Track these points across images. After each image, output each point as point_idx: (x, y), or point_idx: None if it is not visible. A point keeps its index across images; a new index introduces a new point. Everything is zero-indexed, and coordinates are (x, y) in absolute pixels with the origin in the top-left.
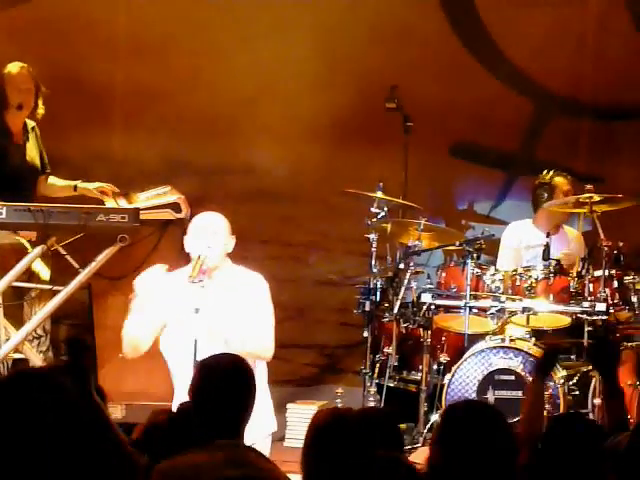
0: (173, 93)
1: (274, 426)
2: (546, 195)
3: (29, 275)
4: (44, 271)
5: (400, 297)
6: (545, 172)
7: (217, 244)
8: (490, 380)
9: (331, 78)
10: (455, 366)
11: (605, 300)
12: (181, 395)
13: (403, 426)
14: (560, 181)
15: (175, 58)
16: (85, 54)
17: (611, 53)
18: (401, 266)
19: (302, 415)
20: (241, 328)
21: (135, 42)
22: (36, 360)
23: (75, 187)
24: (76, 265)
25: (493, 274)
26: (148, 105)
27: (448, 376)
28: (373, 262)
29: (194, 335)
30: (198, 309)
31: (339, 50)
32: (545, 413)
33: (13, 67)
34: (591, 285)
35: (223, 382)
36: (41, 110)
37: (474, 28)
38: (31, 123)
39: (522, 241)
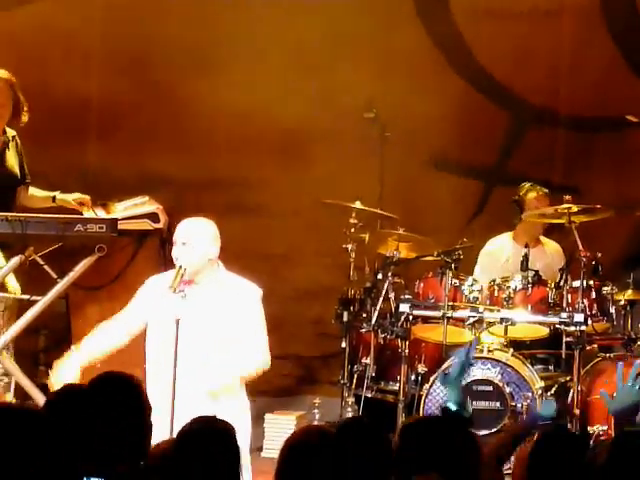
0: (148, 106)
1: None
2: (518, 210)
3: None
4: (13, 282)
5: (378, 308)
6: (521, 186)
7: (192, 250)
8: (468, 391)
9: (307, 88)
10: (433, 377)
11: (583, 311)
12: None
13: None
14: (530, 197)
15: (150, 71)
16: (60, 67)
17: (587, 66)
18: (379, 277)
19: (280, 426)
20: (230, 339)
21: (109, 56)
22: (14, 370)
23: (54, 198)
24: (54, 275)
25: (471, 284)
26: (123, 118)
27: (426, 386)
28: (351, 272)
29: (173, 344)
30: (179, 320)
31: (315, 61)
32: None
33: None
34: (569, 296)
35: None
36: (24, 118)
37: (451, 40)
38: (12, 132)
39: (500, 256)
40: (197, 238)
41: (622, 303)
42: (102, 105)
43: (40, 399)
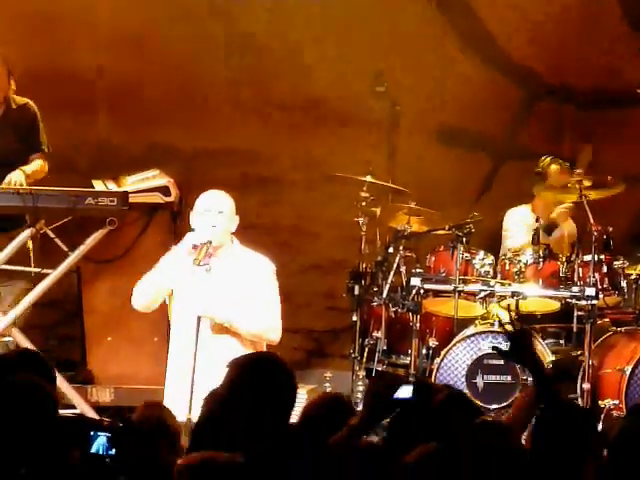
0: (156, 79)
1: None
2: (542, 183)
3: None
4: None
5: (389, 281)
6: (542, 159)
7: (221, 223)
8: (479, 364)
9: (318, 61)
10: (444, 350)
11: (594, 285)
12: (173, 373)
13: None
14: (553, 169)
15: (157, 45)
16: (68, 42)
17: (596, 37)
18: (390, 250)
19: None
20: (247, 310)
21: (118, 30)
22: (24, 343)
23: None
24: (65, 248)
25: (482, 258)
26: (131, 92)
27: (437, 360)
28: (362, 246)
29: (197, 313)
30: (200, 317)
31: (324, 34)
32: None
33: None
34: (580, 270)
35: (266, 384)
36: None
37: (461, 14)
38: (22, 100)
39: (525, 222)
40: (228, 210)
41: (633, 277)
42: (110, 79)
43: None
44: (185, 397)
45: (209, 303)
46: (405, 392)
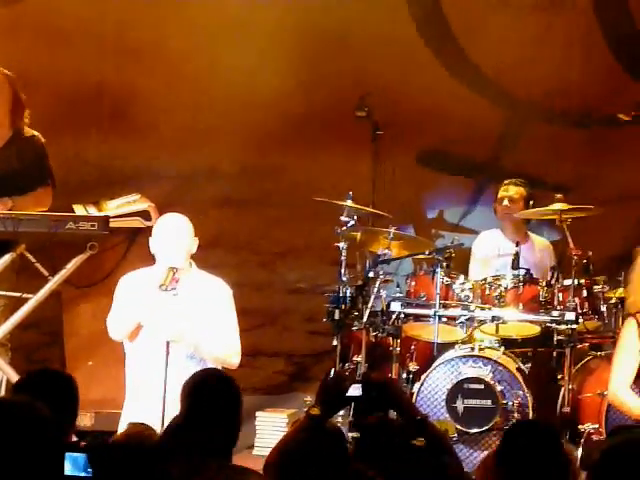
0: (144, 99)
1: None
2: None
3: None
4: None
5: (369, 306)
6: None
7: (183, 247)
8: (459, 389)
9: (300, 85)
10: (424, 375)
11: (574, 309)
12: (139, 396)
13: None
14: (500, 188)
15: (150, 63)
16: (63, 57)
17: (579, 62)
18: (371, 275)
19: (271, 423)
20: (208, 334)
21: (122, 46)
22: (6, 369)
23: None
24: (46, 273)
25: (462, 283)
26: (119, 111)
27: (417, 385)
28: (343, 270)
29: (165, 338)
30: (169, 342)
31: (308, 58)
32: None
33: None
34: (560, 294)
35: (216, 400)
36: (26, 120)
37: (444, 36)
38: (30, 132)
39: (492, 250)
40: (188, 233)
41: (613, 301)
42: (97, 98)
43: None
44: (153, 420)
45: (177, 327)
46: (356, 390)
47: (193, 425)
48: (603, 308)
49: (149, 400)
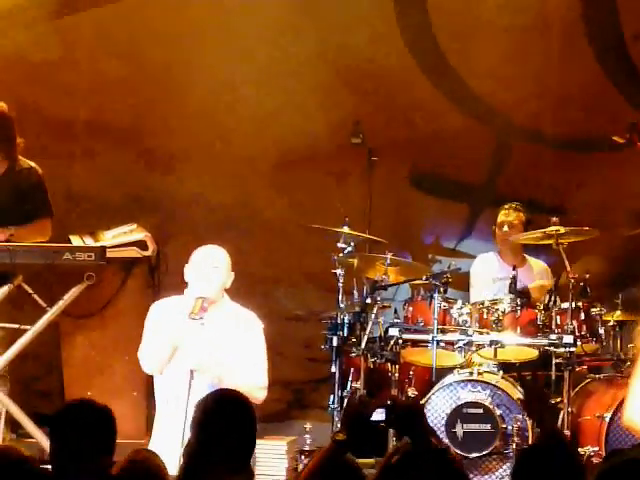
0: (131, 128)
1: None
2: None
3: None
4: None
5: (367, 332)
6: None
7: (217, 278)
8: (458, 413)
9: (295, 111)
10: (423, 400)
11: (572, 332)
12: (163, 425)
13: (371, 461)
14: (499, 213)
15: (133, 93)
16: (48, 89)
17: (572, 83)
18: (368, 301)
19: (271, 451)
20: (236, 367)
21: (96, 79)
22: (5, 401)
23: None
24: (43, 304)
25: (460, 307)
26: (109, 141)
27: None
28: (340, 297)
29: (190, 366)
30: (193, 371)
31: (304, 85)
32: (514, 446)
33: None
34: (558, 317)
35: (230, 417)
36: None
37: (434, 58)
38: (27, 163)
39: (489, 273)
40: (224, 265)
41: (611, 324)
42: (87, 128)
43: (30, 427)
44: (176, 450)
45: (203, 357)
46: (380, 414)
47: (208, 448)
48: (601, 330)
49: (172, 428)
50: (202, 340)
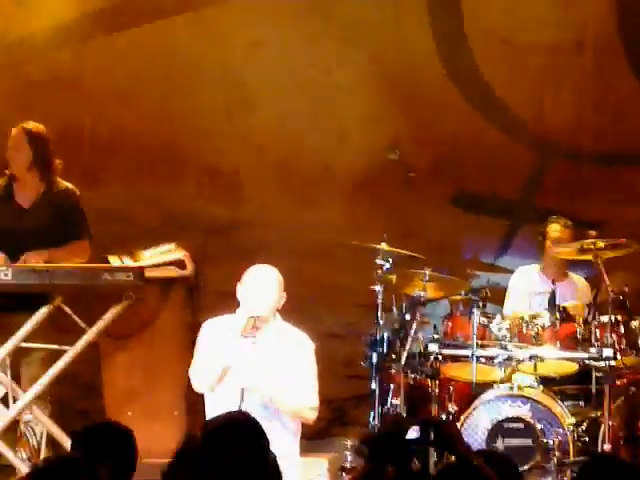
0: (173, 147)
1: None
2: (541, 241)
3: None
4: None
5: (407, 348)
6: (548, 219)
7: (269, 298)
8: (499, 429)
9: (328, 126)
10: (464, 415)
11: (612, 345)
12: None
13: None
14: (551, 228)
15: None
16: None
17: (609, 98)
18: (407, 317)
19: (312, 469)
20: (287, 386)
21: (137, 104)
22: (45, 421)
23: None
24: (82, 324)
25: (499, 322)
26: (147, 161)
27: (457, 425)
28: (379, 314)
29: (241, 385)
30: (244, 389)
31: (345, 104)
32: (555, 461)
33: (15, 128)
34: (597, 331)
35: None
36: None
37: (469, 76)
38: (64, 184)
39: (529, 286)
40: (276, 285)
41: None
42: (128, 148)
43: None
44: None
45: (254, 376)
46: (414, 432)
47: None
48: None
49: None
50: (253, 359)
